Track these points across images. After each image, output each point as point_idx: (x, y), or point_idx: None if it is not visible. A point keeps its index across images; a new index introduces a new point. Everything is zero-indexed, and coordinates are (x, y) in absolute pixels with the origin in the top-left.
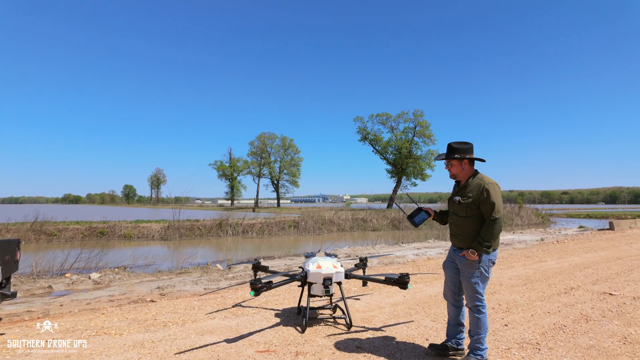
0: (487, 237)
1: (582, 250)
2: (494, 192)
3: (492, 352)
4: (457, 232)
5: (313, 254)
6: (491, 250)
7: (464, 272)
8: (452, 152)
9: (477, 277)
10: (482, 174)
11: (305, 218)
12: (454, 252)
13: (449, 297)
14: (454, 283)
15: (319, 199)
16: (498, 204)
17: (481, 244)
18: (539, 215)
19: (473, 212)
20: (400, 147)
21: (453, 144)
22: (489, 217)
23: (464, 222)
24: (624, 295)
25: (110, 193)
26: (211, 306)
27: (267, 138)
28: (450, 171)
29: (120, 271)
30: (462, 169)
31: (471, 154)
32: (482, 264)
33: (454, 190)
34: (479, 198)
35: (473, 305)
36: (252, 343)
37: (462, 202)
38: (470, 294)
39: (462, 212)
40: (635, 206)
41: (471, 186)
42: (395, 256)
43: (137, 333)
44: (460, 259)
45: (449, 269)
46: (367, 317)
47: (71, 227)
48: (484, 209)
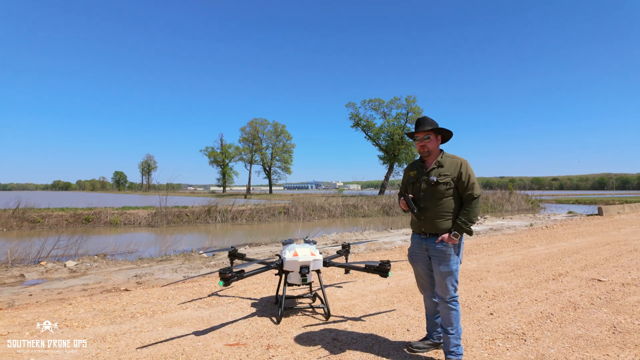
0: (471, 216)
1: (570, 235)
2: (471, 169)
3: (475, 343)
4: (430, 217)
5: (291, 240)
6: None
7: (443, 260)
8: (430, 125)
9: (456, 263)
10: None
11: (295, 204)
12: (425, 240)
13: (426, 291)
14: (429, 275)
15: (312, 186)
16: (476, 181)
17: (464, 226)
18: (529, 201)
19: (450, 192)
20: (392, 134)
21: (428, 118)
22: (470, 195)
23: (440, 204)
24: (612, 282)
25: (100, 180)
26: (186, 295)
27: (258, 124)
28: (426, 147)
29: (100, 259)
30: (437, 145)
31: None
32: (460, 248)
33: (420, 171)
34: (457, 176)
35: (451, 298)
36: (223, 335)
37: (440, 182)
38: (447, 285)
39: (439, 193)
40: (622, 192)
41: (446, 164)
42: (383, 242)
43: (101, 325)
44: (437, 247)
45: (420, 261)
46: (348, 305)
47: (55, 214)
48: (464, 187)
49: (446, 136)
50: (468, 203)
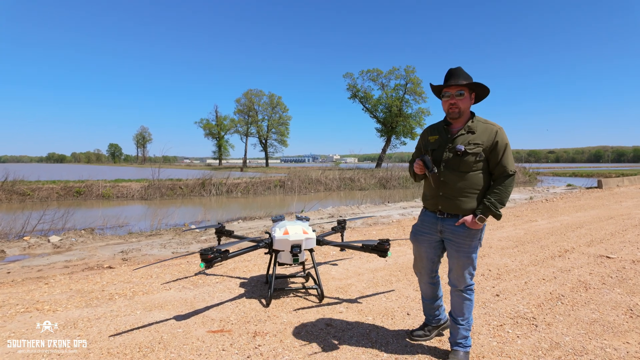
0: (503, 197)
1: (572, 209)
2: (507, 139)
3: (482, 329)
4: (451, 194)
5: (282, 217)
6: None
7: (462, 247)
8: (465, 79)
9: (476, 251)
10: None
11: (292, 177)
12: (442, 221)
13: (423, 276)
14: (431, 260)
15: (309, 159)
16: (511, 154)
17: (493, 208)
18: (526, 174)
19: (479, 165)
20: (390, 105)
21: (462, 70)
22: (504, 171)
23: (465, 179)
24: (622, 259)
25: (95, 152)
26: (171, 274)
27: (254, 95)
28: (458, 106)
29: (86, 234)
30: (469, 105)
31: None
32: (482, 233)
33: (443, 136)
34: (491, 146)
35: (466, 286)
36: (206, 320)
37: (468, 152)
38: (464, 273)
39: (465, 166)
40: (618, 164)
41: (478, 130)
42: (381, 216)
43: (75, 309)
44: (457, 230)
45: (425, 242)
46: (343, 285)
47: (45, 187)
48: (497, 161)
49: (481, 95)
50: (501, 181)
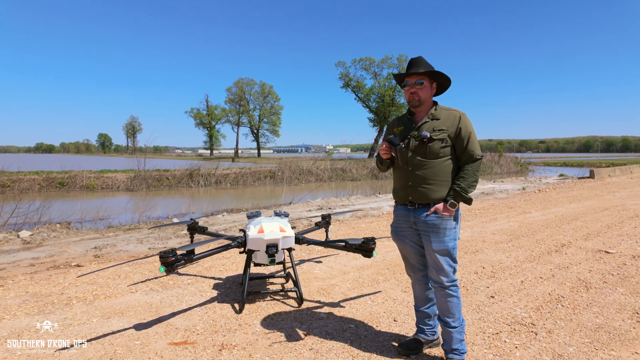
0: (471, 181)
1: (565, 200)
2: (471, 124)
3: (477, 339)
4: (420, 183)
5: (258, 213)
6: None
7: (436, 235)
8: (424, 67)
9: (454, 239)
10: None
11: (282, 168)
12: (413, 212)
13: (416, 274)
14: (419, 254)
15: (302, 149)
16: (476, 139)
17: (462, 193)
18: (517, 164)
19: (446, 151)
20: (383, 95)
21: (423, 59)
22: (470, 156)
23: (433, 166)
24: (621, 254)
25: (85, 142)
26: (141, 273)
27: (245, 84)
28: (417, 95)
29: (61, 228)
30: (430, 94)
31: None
32: (458, 221)
33: (408, 126)
34: (455, 132)
35: (450, 282)
36: (170, 330)
37: (434, 138)
38: (445, 266)
39: (432, 153)
40: (608, 154)
41: (442, 117)
42: (370, 208)
43: (24, 317)
44: (429, 220)
45: (408, 238)
46: (326, 286)
47: (27, 178)
48: (462, 146)
49: (444, 85)
50: (467, 165)
